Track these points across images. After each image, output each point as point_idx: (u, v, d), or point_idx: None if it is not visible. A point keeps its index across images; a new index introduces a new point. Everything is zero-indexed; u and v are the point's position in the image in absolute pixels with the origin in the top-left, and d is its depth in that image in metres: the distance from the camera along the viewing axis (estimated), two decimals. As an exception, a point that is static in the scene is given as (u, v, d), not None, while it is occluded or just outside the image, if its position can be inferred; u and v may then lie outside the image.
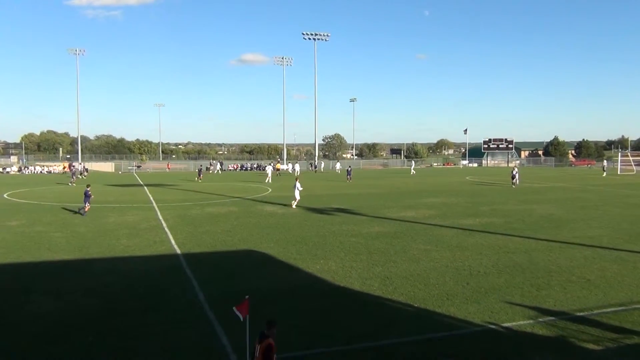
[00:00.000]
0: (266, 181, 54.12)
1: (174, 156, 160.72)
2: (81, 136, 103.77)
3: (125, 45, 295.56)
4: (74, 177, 54.90)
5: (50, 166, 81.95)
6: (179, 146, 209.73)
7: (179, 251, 18.40)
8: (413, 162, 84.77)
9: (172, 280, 14.59)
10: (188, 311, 11.92)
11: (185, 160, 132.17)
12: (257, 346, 7.05)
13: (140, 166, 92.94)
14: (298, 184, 32.13)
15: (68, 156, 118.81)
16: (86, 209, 27.87)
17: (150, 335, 10.45)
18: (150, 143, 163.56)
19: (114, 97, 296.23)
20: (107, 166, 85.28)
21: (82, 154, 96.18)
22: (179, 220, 25.66)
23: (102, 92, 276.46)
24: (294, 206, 30.92)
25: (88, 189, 29.19)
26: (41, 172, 76.56)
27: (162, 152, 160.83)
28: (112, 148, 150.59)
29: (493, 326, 10.81)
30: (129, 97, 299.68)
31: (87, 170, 72.66)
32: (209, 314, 11.63)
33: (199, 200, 34.96)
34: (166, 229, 22.86)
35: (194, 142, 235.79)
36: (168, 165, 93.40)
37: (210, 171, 78.50)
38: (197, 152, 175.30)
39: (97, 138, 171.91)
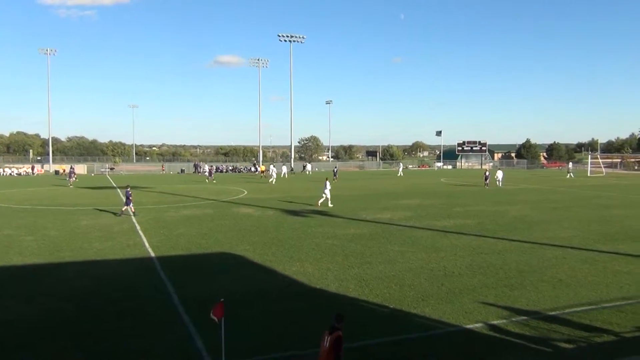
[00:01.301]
0: (270, 181, 54.93)
1: (147, 158, 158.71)
2: (52, 138, 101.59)
3: (99, 46, 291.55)
4: (72, 179, 53.74)
5: (20, 168, 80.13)
6: (153, 148, 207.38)
7: (153, 254, 18.18)
8: (401, 164, 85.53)
9: (146, 284, 14.40)
10: (162, 314, 11.78)
11: (159, 162, 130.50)
12: (326, 337, 7.47)
13: (114, 168, 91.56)
14: (327, 184, 33.10)
15: (39, 158, 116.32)
16: (126, 210, 27.91)
17: (125, 339, 10.30)
18: (123, 145, 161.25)
19: (86, 98, 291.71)
20: (79, 168, 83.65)
21: (53, 155, 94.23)
22: (153, 223, 25.35)
23: (74, 93, 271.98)
24: (319, 204, 32.05)
25: (129, 190, 28.99)
26: (11, 174, 74.82)
27: (136, 153, 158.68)
28: (84, 150, 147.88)
29: (467, 326, 10.94)
30: (102, 98, 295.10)
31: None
32: (183, 317, 11.51)
33: (173, 202, 34.59)
34: (140, 232, 22.56)
35: (169, 143, 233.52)
36: (163, 166, 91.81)
37: (200, 173, 78.24)
38: (172, 153, 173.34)
39: (69, 140, 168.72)
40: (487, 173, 51.43)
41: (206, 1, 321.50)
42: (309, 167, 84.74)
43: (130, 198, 28.27)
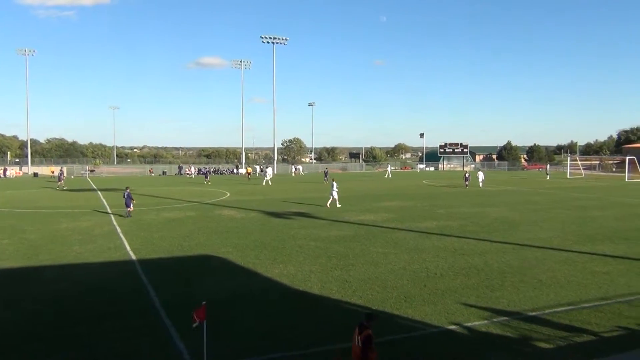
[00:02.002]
0: (263, 184, 55.43)
1: (129, 160, 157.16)
2: (31, 139, 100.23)
3: (78, 47, 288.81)
4: (61, 181, 53.14)
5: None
6: (134, 150, 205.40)
7: (134, 257, 17.99)
8: (389, 166, 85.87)
9: (127, 287, 14.24)
10: (143, 318, 11.65)
11: (140, 164, 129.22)
12: (356, 337, 7.78)
13: (94, 170, 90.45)
14: (335, 185, 33.76)
15: (17, 160, 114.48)
16: (130, 211, 28.32)
17: (105, 343, 10.16)
18: (104, 147, 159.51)
19: (66, 99, 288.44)
20: (58, 170, 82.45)
21: (32, 157, 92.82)
22: (134, 225, 25.09)
23: (53, 94, 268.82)
24: (328, 205, 32.74)
25: (128, 191, 29.23)
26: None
27: (117, 155, 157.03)
28: (63, 152, 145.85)
29: (449, 327, 11.00)
30: (82, 100, 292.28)
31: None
32: (165, 320, 11.39)
33: (155, 205, 34.28)
34: (121, 235, 22.31)
35: (150, 145, 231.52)
36: (150, 169, 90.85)
37: (190, 175, 77.94)
38: (154, 155, 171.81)
39: (48, 141, 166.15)
40: (467, 174, 52.92)
41: (188, 2, 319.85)
42: (300, 168, 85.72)
43: (132, 198, 28.85)
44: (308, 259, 17.62)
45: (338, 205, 32.73)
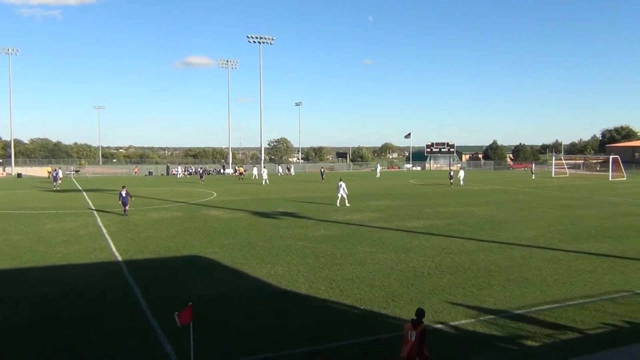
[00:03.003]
0: (263, 183, 56.08)
1: (114, 160, 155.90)
2: (14, 139, 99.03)
3: (63, 46, 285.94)
4: (58, 181, 52.82)
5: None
6: (120, 150, 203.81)
7: (120, 258, 17.84)
8: (379, 165, 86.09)
9: (113, 288, 14.12)
10: (130, 319, 11.56)
11: (126, 164, 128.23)
12: (409, 332, 8.02)
13: (79, 171, 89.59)
14: (343, 184, 34.33)
15: (0, 161, 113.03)
16: (126, 209, 29.14)
17: (91, 345, 10.06)
18: (89, 147, 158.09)
19: (50, 99, 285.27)
20: (43, 171, 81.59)
21: (15, 158, 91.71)
22: (120, 226, 24.88)
23: (37, 94, 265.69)
24: (347, 204, 33.32)
25: (124, 190, 29.40)
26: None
27: (103, 156, 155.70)
28: (48, 152, 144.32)
29: (436, 326, 11.05)
30: (66, 99, 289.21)
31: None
32: (152, 321, 11.31)
33: (141, 205, 34.00)
34: (107, 236, 22.11)
35: (136, 145, 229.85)
36: (136, 169, 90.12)
37: (176, 175, 77.67)
38: (140, 155, 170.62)
39: (32, 142, 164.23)
40: (452, 173, 55.72)
41: (175, 2, 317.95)
42: (288, 168, 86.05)
43: (130, 196, 29.59)
44: (296, 259, 17.60)
45: (347, 205, 33.25)
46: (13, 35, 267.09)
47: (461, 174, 56.45)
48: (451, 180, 53.16)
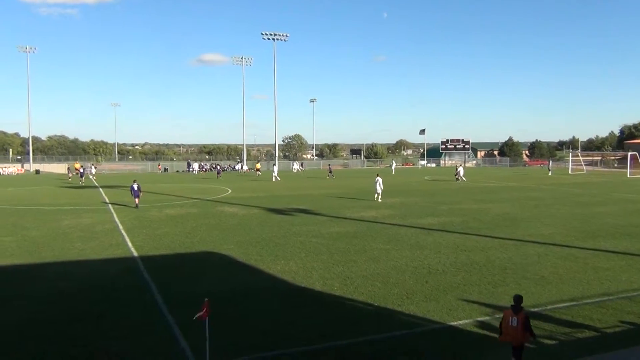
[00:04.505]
0: (273, 180, 55.97)
1: (130, 157, 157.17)
2: (32, 137, 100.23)
3: (80, 44, 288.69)
4: (88, 176, 55.83)
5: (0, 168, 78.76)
6: (136, 147, 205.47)
7: (136, 254, 18.01)
8: (393, 162, 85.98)
9: (129, 284, 14.26)
10: (146, 315, 11.67)
11: (142, 161, 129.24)
12: (510, 317, 8.24)
13: (96, 167, 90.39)
14: (380, 179, 34.91)
15: (19, 157, 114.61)
16: (136, 202, 30.89)
17: (107, 340, 10.18)
18: (105, 144, 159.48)
19: (67, 96, 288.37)
20: (60, 167, 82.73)
21: (33, 155, 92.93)
22: (136, 222, 25.11)
23: (55, 92, 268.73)
24: (380, 199, 33.98)
25: (135, 184, 31.33)
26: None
27: (119, 152, 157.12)
28: (65, 149, 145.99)
29: (451, 323, 11.00)
30: (83, 97, 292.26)
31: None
32: (167, 317, 11.41)
33: (157, 201, 34.28)
34: (123, 232, 22.33)
35: (152, 142, 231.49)
36: (159, 166, 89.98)
37: (192, 171, 78.21)
38: (155, 152, 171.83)
39: (50, 139, 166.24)
40: (459, 169, 56.45)
41: (190, 0, 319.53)
42: (295, 165, 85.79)
43: (140, 190, 31.21)
44: (310, 255, 17.62)
45: (379, 200, 33.89)
46: (31, 34, 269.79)
47: (461, 170, 56.36)
48: (457, 177, 54.12)
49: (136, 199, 30.99)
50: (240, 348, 9.69)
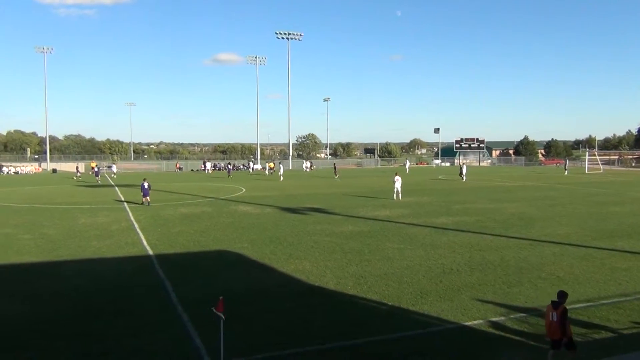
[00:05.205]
0: (281, 179, 55.89)
1: (145, 156, 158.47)
2: (49, 136, 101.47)
3: (96, 44, 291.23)
4: (99, 175, 57.23)
5: (17, 167, 79.84)
6: (151, 146, 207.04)
7: (151, 252, 18.16)
8: (407, 161, 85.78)
9: (144, 282, 14.38)
10: (160, 313, 11.76)
11: (157, 160, 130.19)
12: (550, 312, 8.51)
13: (112, 166, 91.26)
14: (398, 177, 35.28)
15: (36, 156, 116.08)
16: (147, 200, 31.63)
17: (122, 338, 10.28)
18: (121, 143, 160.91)
19: (84, 96, 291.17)
20: (96, 166, 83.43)
21: (50, 154, 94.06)
22: (151, 221, 25.32)
23: (71, 91, 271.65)
24: (396, 198, 34.34)
25: (145, 182, 32.09)
26: (8, 172, 74.63)
27: (134, 152, 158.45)
28: (81, 148, 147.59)
29: (466, 323, 10.94)
30: (99, 96, 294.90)
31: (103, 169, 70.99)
32: (182, 315, 11.49)
33: (171, 200, 34.53)
34: (138, 230, 22.53)
35: (166, 142, 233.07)
36: (177, 165, 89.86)
37: (205, 170, 78.48)
38: (170, 152, 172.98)
39: (66, 138, 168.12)
40: (463, 167, 57.19)
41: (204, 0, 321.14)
42: (307, 164, 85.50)
43: (148, 189, 31.78)
44: (323, 254, 17.63)
45: (395, 198, 34.09)
46: (48, 34, 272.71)
47: (464, 169, 56.81)
48: (461, 175, 54.44)
49: (147, 197, 31.66)
50: (254, 346, 9.73)
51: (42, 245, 19.50)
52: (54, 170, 79.72)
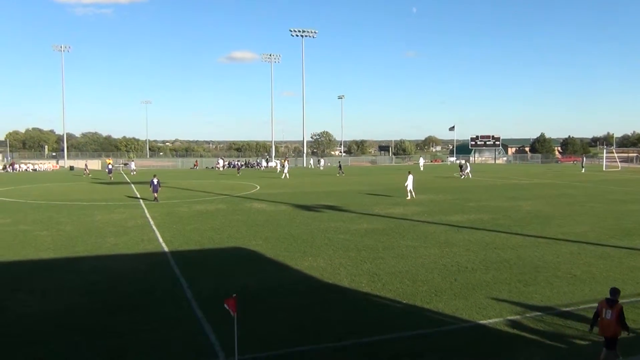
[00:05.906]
0: (282, 177, 55.67)
1: (161, 153, 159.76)
2: (67, 134, 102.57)
3: (113, 43, 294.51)
4: (112, 173, 58.88)
5: (36, 164, 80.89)
6: (167, 143, 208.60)
7: (166, 249, 18.30)
8: (422, 159, 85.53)
9: (159, 279, 14.50)
10: (176, 309, 11.85)
11: (172, 157, 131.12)
12: (604, 309, 8.49)
13: (128, 164, 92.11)
14: (411, 177, 34.27)
15: (54, 154, 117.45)
16: (155, 196, 32.37)
17: (138, 333, 10.38)
18: (137, 140, 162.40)
19: (100, 94, 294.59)
20: (93, 164, 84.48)
21: (68, 151, 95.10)
22: (166, 218, 25.51)
23: (89, 89, 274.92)
24: (409, 198, 33.21)
25: (155, 179, 32.69)
26: (26, 169, 75.67)
27: (150, 149, 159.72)
28: (98, 145, 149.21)
29: (481, 322, 10.88)
30: (115, 94, 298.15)
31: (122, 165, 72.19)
32: (197, 311, 11.57)
33: (186, 197, 34.77)
34: (154, 227, 22.71)
35: (182, 139, 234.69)
36: (196, 162, 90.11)
37: (219, 168, 78.95)
38: (185, 149, 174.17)
39: (84, 135, 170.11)
40: (467, 165, 57.78)
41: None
42: (322, 162, 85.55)
43: (158, 185, 32.43)
44: (338, 252, 17.63)
45: (409, 198, 33.10)
46: (66, 33, 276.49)
47: (467, 167, 56.84)
48: (461, 172, 54.87)
49: (155, 193, 32.35)
50: (269, 343, 9.77)
51: (60, 241, 19.75)
52: (71, 168, 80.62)
